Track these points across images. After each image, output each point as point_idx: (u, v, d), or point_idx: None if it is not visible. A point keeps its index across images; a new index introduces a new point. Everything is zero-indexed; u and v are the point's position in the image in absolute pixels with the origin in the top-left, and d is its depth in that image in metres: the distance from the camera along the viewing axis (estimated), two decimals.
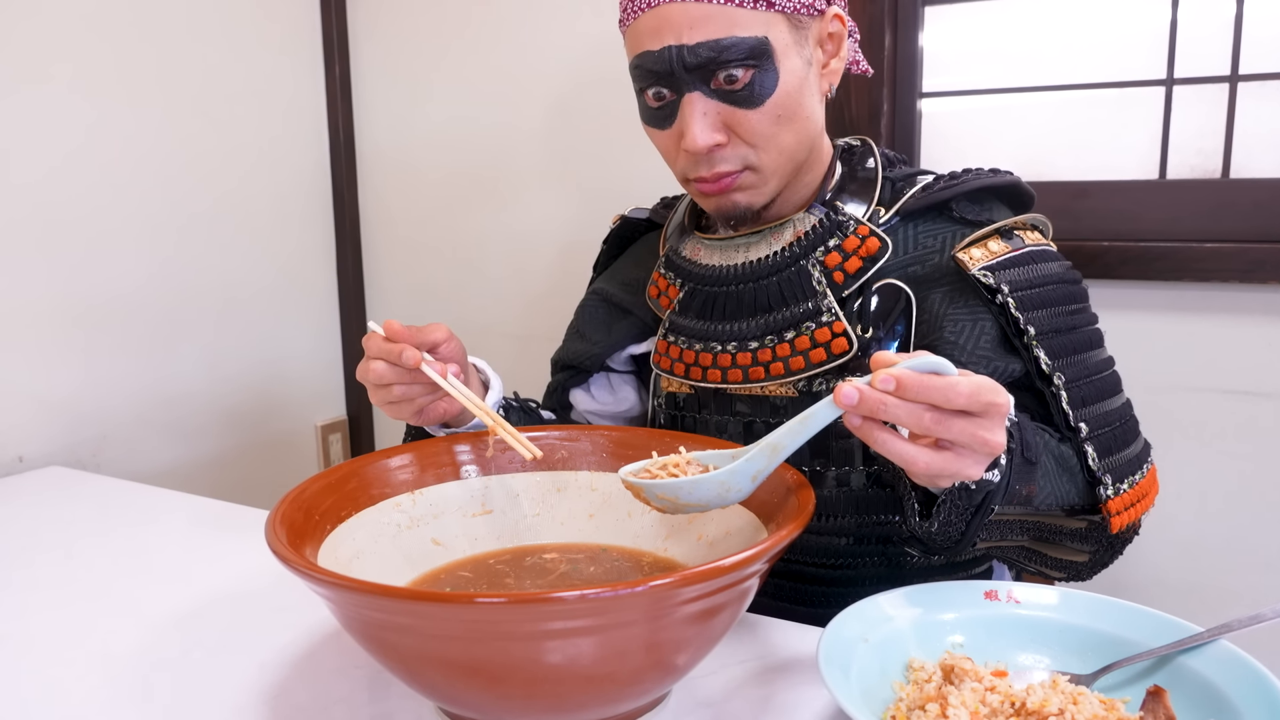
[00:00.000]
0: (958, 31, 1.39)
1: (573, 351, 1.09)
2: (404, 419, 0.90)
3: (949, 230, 0.92)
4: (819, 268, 0.92)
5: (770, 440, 0.68)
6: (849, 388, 0.63)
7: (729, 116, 0.87)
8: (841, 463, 0.92)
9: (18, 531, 1.13)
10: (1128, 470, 0.85)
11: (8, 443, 1.39)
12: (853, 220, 0.93)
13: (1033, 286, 0.87)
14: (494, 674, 0.58)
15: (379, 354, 0.84)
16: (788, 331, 0.92)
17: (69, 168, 1.44)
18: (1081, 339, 0.88)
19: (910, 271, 0.91)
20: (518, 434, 0.83)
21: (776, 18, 0.85)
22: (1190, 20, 1.25)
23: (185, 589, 0.94)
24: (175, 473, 1.61)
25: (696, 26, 0.83)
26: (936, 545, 0.73)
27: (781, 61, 0.86)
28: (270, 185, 1.75)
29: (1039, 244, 0.92)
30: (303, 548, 0.68)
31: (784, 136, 0.88)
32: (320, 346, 1.89)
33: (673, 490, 0.70)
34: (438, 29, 1.74)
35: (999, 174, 0.95)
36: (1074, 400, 0.84)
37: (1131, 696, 0.66)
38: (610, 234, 1.17)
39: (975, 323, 0.87)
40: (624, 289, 1.09)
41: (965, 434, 0.63)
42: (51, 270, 1.43)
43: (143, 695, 0.74)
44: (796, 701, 0.70)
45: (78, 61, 1.44)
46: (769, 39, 0.84)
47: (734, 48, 0.83)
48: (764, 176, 0.90)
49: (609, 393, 1.11)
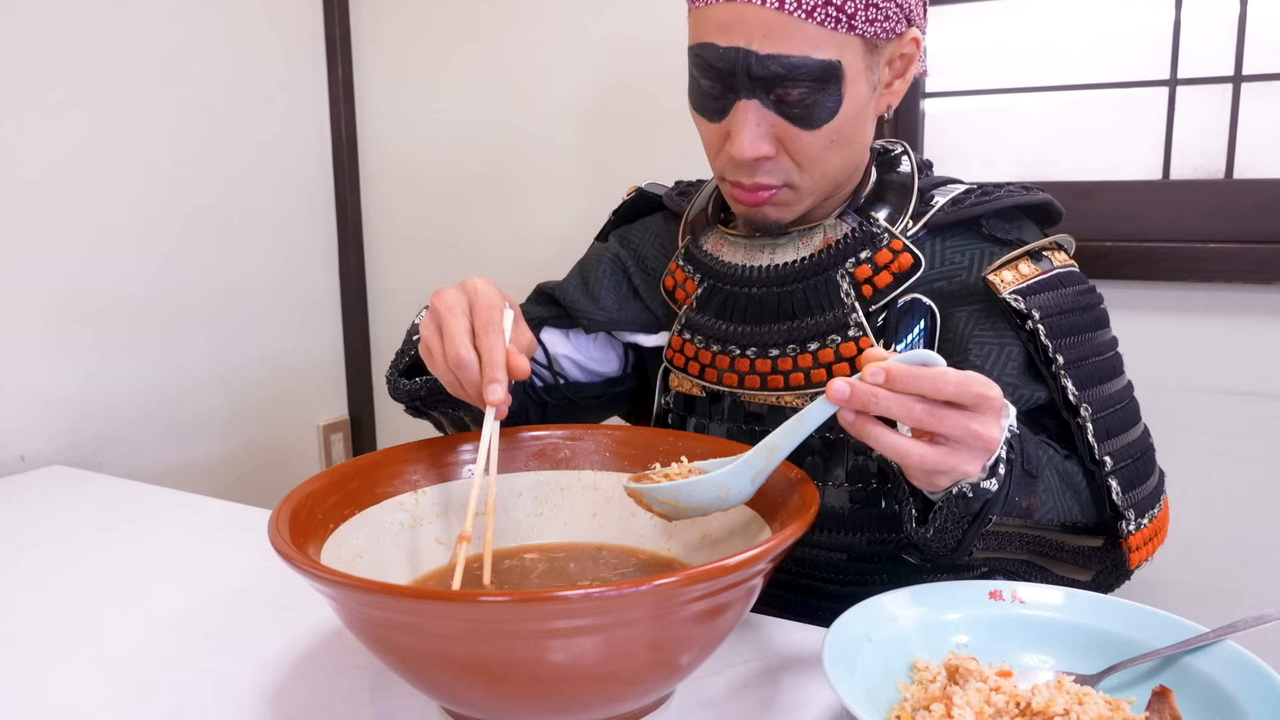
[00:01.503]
0: (961, 32, 1.39)
1: (572, 300, 1.03)
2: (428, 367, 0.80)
3: (978, 248, 0.90)
4: (848, 279, 0.89)
5: (768, 441, 0.68)
6: (840, 382, 0.63)
7: (782, 131, 0.83)
8: (855, 479, 0.90)
9: (20, 530, 1.13)
10: (1148, 504, 0.85)
11: (10, 442, 1.39)
12: (886, 233, 0.90)
13: (1062, 312, 0.85)
14: (497, 673, 0.58)
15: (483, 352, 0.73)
16: (811, 342, 0.90)
17: (72, 167, 1.44)
18: (1105, 367, 0.87)
19: (936, 287, 0.89)
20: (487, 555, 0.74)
21: (853, 40, 0.80)
22: (1194, 20, 1.25)
23: (187, 588, 0.94)
24: (177, 472, 1.61)
25: (771, 36, 0.78)
26: (932, 552, 0.72)
27: (849, 87, 0.81)
28: (273, 185, 1.75)
29: (1065, 265, 0.90)
30: (305, 546, 0.67)
31: (832, 160, 0.85)
32: (322, 346, 1.89)
33: (672, 494, 0.70)
34: (440, 29, 1.74)
35: (1031, 192, 0.93)
36: (1099, 433, 0.83)
37: (1137, 697, 0.65)
38: (623, 205, 1.12)
39: (1003, 348, 0.86)
40: (642, 274, 1.05)
41: (958, 427, 0.63)
42: (54, 270, 1.43)
43: (145, 694, 0.74)
44: (801, 701, 0.70)
45: (81, 62, 1.44)
46: (841, 63, 0.80)
47: (803, 67, 0.78)
48: (801, 195, 0.88)
49: (594, 348, 1.06)
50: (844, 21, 0.79)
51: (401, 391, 0.93)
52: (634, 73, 1.55)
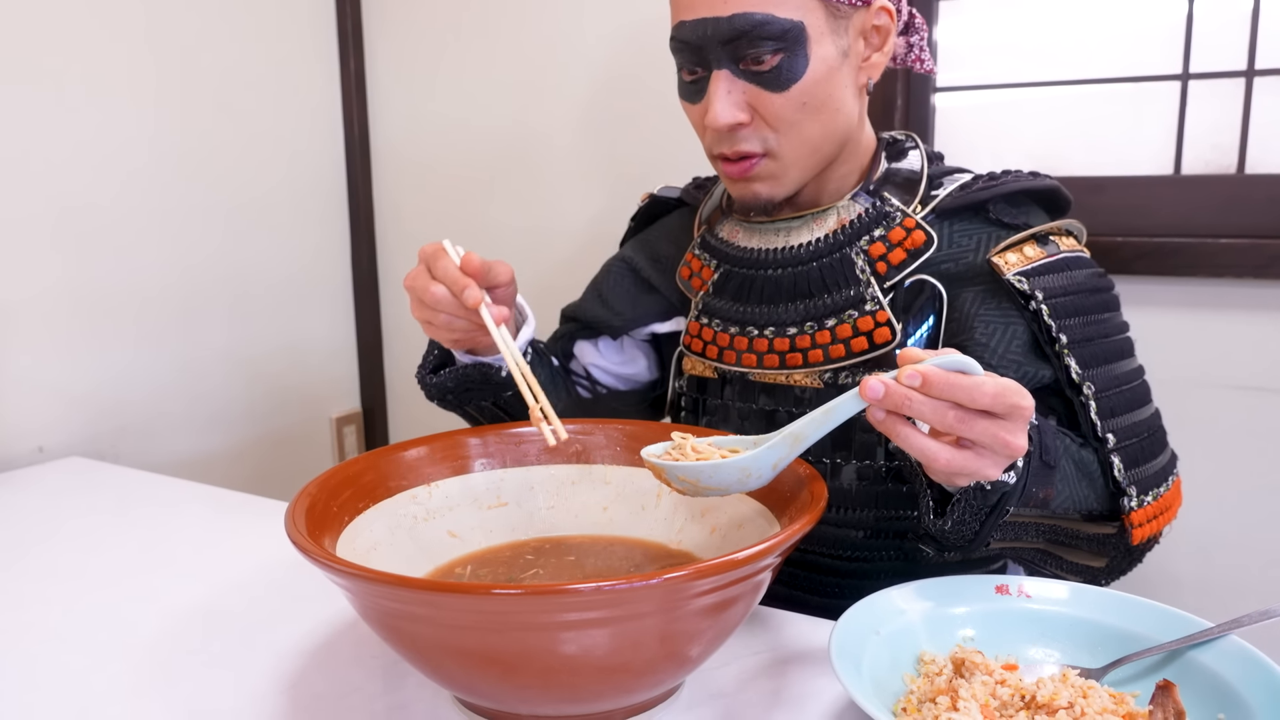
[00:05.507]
0: (972, 26, 1.39)
1: (591, 313, 1.08)
2: (438, 339, 0.91)
3: (984, 231, 0.92)
4: (863, 256, 0.91)
5: (793, 429, 0.69)
6: (875, 381, 0.63)
7: (754, 97, 0.86)
8: (863, 456, 0.92)
9: (39, 521, 1.14)
10: (1153, 483, 0.85)
11: (29, 434, 1.41)
12: (899, 211, 0.92)
13: (1067, 294, 0.87)
14: (510, 664, 0.59)
15: (444, 278, 0.84)
16: (829, 319, 0.91)
17: (87, 162, 1.45)
18: (1113, 348, 0.88)
19: (944, 269, 0.91)
20: (551, 412, 0.81)
21: (814, 4, 0.84)
22: (1206, 15, 1.25)
23: (204, 579, 0.95)
24: (192, 464, 1.63)
25: (732, 2, 0.83)
26: (950, 543, 0.73)
27: (814, 49, 0.85)
28: (286, 180, 1.77)
29: (1074, 250, 0.91)
30: (321, 538, 0.68)
31: (808, 125, 0.88)
32: (335, 339, 1.91)
33: (694, 473, 0.70)
34: (451, 24, 1.75)
35: (1039, 177, 0.94)
36: (1103, 410, 0.84)
37: (1141, 690, 0.66)
38: (639, 211, 1.15)
39: (1007, 326, 0.87)
40: (653, 265, 1.07)
41: (988, 434, 0.63)
42: (72, 263, 1.44)
43: (162, 684, 0.75)
44: (808, 693, 0.71)
45: (98, 59, 1.45)
46: (804, 24, 0.84)
47: (767, 24, 0.83)
48: (784, 165, 0.90)
49: (618, 353, 1.10)
50: None
51: (433, 388, 0.98)
52: (645, 67, 1.55)
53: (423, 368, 0.99)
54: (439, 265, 0.85)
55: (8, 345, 1.38)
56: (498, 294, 0.89)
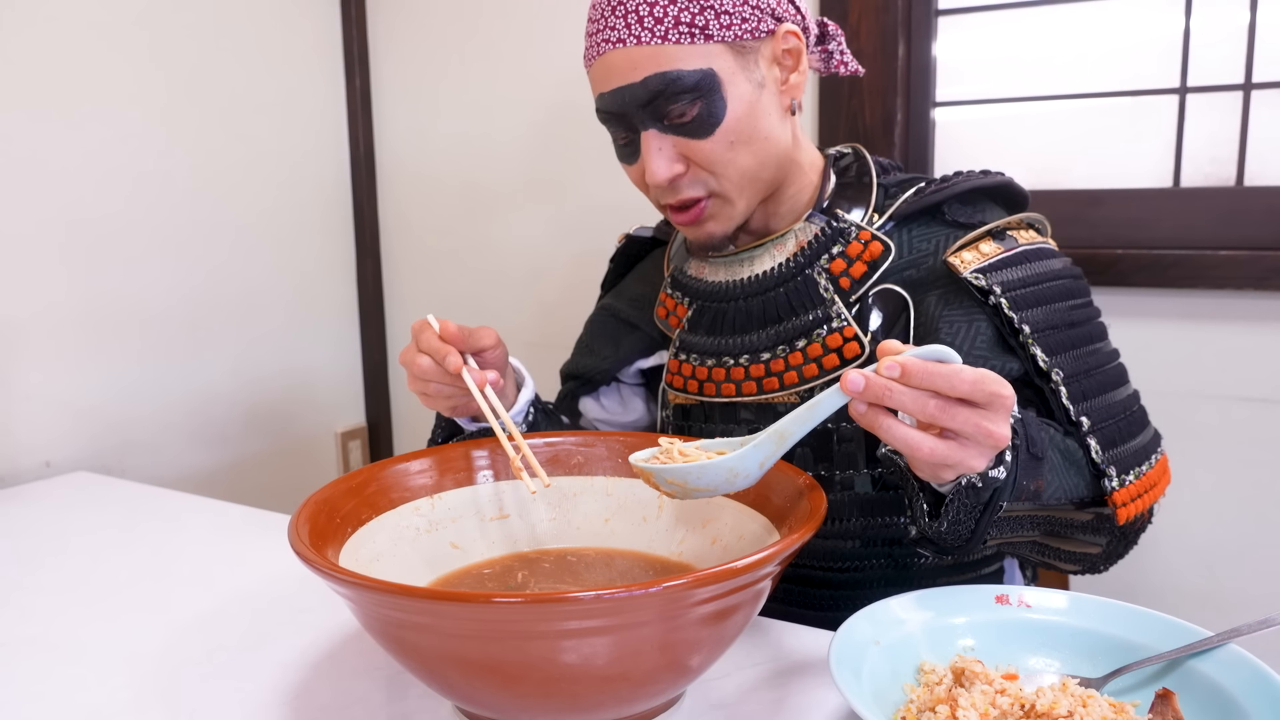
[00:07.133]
0: (971, 41, 1.40)
1: (582, 365, 1.12)
2: (437, 410, 0.93)
3: (942, 234, 0.93)
4: (825, 275, 0.93)
5: (778, 427, 0.69)
6: (855, 374, 0.64)
7: (684, 147, 0.89)
8: (845, 466, 0.93)
9: (46, 536, 1.15)
10: (1134, 461, 0.86)
11: (36, 448, 1.42)
12: (854, 226, 0.94)
13: (1026, 285, 0.88)
14: (511, 673, 0.60)
15: (427, 349, 0.87)
16: (799, 340, 0.93)
17: (97, 181, 1.47)
18: (1081, 334, 0.89)
19: (906, 276, 0.92)
20: (535, 462, 0.83)
21: (717, 48, 0.87)
22: (1203, 28, 1.26)
23: (208, 591, 0.96)
24: (198, 478, 1.64)
25: (640, 67, 0.86)
26: (947, 545, 0.73)
27: (729, 90, 0.87)
28: (292, 196, 1.78)
29: (1034, 242, 0.93)
30: (324, 549, 0.69)
31: (741, 159, 0.90)
32: (340, 354, 1.92)
33: (682, 475, 0.71)
34: (456, 43, 1.76)
35: (989, 175, 0.96)
36: (1074, 395, 0.85)
37: (1141, 700, 0.66)
38: (616, 252, 1.19)
39: (970, 324, 0.89)
40: (631, 305, 1.11)
41: (969, 424, 0.64)
42: (79, 279, 1.46)
43: (167, 695, 0.76)
44: (809, 704, 0.71)
45: (106, 78, 1.47)
46: (713, 69, 0.86)
47: (678, 80, 0.85)
48: (729, 201, 0.92)
49: (618, 403, 1.13)
50: (699, 34, 0.86)
51: None
52: None
53: (432, 441, 1.03)
54: (423, 338, 0.88)
55: (15, 360, 1.39)
56: (485, 358, 0.91)
